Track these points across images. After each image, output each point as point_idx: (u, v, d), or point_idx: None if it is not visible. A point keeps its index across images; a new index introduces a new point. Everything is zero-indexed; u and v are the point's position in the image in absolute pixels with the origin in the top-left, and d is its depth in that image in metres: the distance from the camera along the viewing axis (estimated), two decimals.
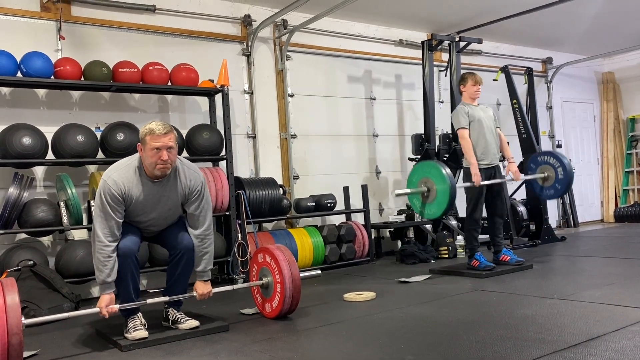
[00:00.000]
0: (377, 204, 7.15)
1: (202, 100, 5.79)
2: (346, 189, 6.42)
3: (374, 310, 3.74)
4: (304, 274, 3.76)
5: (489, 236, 5.23)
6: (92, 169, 5.09)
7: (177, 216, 3.48)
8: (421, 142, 6.69)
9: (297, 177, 6.46)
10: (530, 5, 6.71)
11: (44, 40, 5.01)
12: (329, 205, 6.10)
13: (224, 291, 3.64)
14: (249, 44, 6.19)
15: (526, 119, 7.04)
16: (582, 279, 4.53)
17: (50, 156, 4.67)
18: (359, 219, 6.47)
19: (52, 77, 4.69)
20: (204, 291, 3.42)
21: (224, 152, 5.47)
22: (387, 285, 4.70)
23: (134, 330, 3.21)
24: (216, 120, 5.63)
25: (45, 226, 4.50)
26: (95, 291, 4.98)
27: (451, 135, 6.63)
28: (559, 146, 9.33)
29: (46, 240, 4.92)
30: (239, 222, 5.38)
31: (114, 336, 3.26)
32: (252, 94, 6.24)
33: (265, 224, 6.07)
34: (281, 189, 5.79)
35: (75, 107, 5.17)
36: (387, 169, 7.30)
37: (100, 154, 4.86)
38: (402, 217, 6.64)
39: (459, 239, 6.14)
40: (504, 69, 7.16)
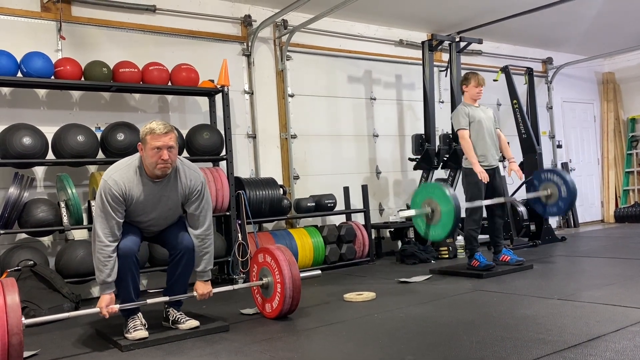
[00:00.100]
0: (377, 204, 7.14)
1: (203, 100, 5.79)
2: (346, 189, 6.42)
3: (374, 310, 3.73)
4: (304, 274, 3.76)
5: (488, 236, 5.23)
6: (92, 169, 5.09)
7: (178, 216, 3.48)
8: (421, 142, 6.69)
9: (297, 177, 6.46)
10: (530, 5, 6.71)
11: (44, 40, 5.01)
12: (329, 205, 6.10)
13: (224, 291, 3.64)
14: (249, 44, 6.19)
15: (526, 119, 7.04)
16: (582, 279, 4.53)
17: (50, 156, 4.67)
18: (359, 219, 6.47)
19: (53, 77, 4.69)
20: (204, 291, 3.42)
21: (224, 152, 5.47)
22: (387, 285, 4.70)
23: (134, 330, 3.21)
24: (216, 120, 5.63)
25: (45, 226, 4.50)
26: (95, 291, 4.98)
27: (451, 135, 6.63)
28: (559, 146, 9.33)
29: (46, 240, 4.92)
30: (239, 222, 5.38)
31: (114, 336, 3.26)
32: (252, 94, 6.24)
33: (265, 224, 6.07)
34: (281, 189, 5.79)
35: (75, 107, 5.17)
36: (387, 169, 7.29)
37: (100, 154, 4.86)
38: (402, 217, 6.62)
39: (459, 239, 6.14)
40: (504, 69, 7.16)
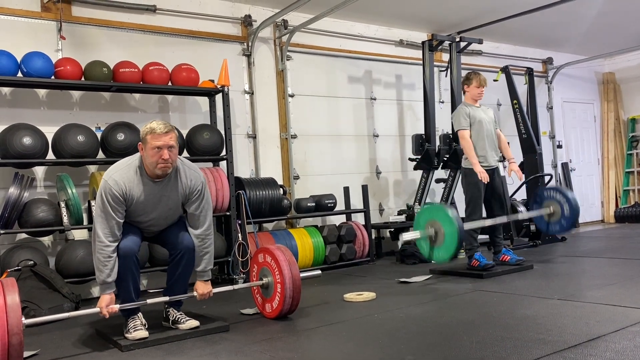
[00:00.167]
0: (378, 204, 7.14)
1: (203, 100, 5.79)
2: (346, 189, 6.42)
3: (374, 310, 3.73)
4: (304, 274, 3.76)
5: (488, 236, 5.23)
6: (92, 169, 5.09)
7: (178, 216, 3.48)
8: (421, 142, 6.68)
9: (297, 177, 6.46)
10: (530, 5, 6.71)
11: (45, 40, 5.01)
12: (329, 205, 6.10)
13: (224, 291, 3.64)
14: (250, 44, 6.19)
15: (526, 119, 7.04)
16: (582, 279, 4.53)
17: (50, 156, 4.67)
18: (359, 219, 6.47)
19: (53, 77, 4.69)
20: (204, 291, 3.42)
21: (224, 152, 5.47)
22: (387, 285, 4.69)
23: (134, 330, 3.21)
24: (216, 120, 5.63)
25: (45, 226, 4.50)
26: (95, 291, 4.98)
27: (451, 135, 6.63)
28: (559, 146, 9.33)
29: (46, 240, 4.92)
30: (239, 222, 5.38)
31: (114, 336, 3.26)
32: (252, 94, 6.24)
33: (265, 224, 6.07)
34: (281, 189, 5.79)
35: (75, 107, 5.17)
36: (387, 169, 7.29)
37: (100, 154, 4.86)
38: (402, 217, 6.63)
39: None
40: (505, 70, 7.16)
